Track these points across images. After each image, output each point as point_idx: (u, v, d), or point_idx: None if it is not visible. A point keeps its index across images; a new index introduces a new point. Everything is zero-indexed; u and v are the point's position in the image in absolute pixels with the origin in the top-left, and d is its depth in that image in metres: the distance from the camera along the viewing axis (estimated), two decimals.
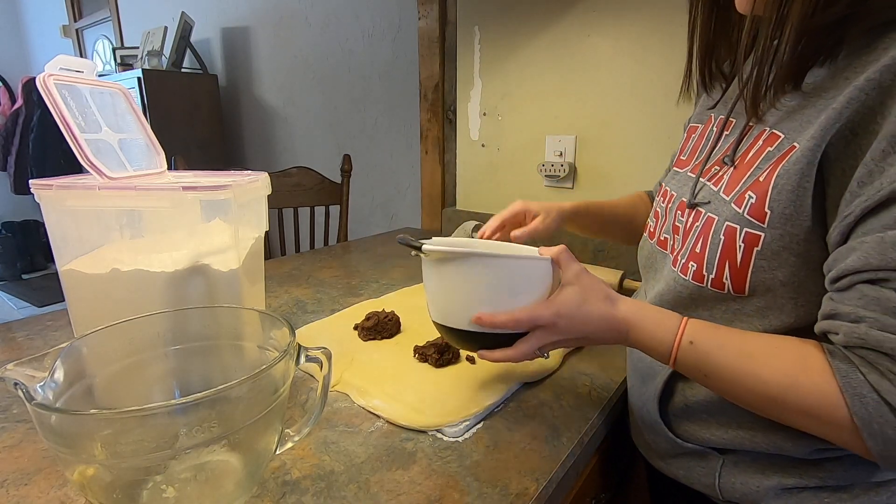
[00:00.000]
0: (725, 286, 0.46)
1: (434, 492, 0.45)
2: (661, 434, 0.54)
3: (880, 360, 0.36)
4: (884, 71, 0.35)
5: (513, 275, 0.50)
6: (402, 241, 0.52)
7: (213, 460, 0.39)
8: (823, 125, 0.38)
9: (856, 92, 0.37)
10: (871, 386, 0.36)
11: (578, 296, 0.48)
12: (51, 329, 0.79)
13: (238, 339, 0.51)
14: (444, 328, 0.53)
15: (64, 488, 0.45)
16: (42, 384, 0.37)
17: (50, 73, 0.55)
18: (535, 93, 1.28)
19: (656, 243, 0.59)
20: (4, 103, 3.40)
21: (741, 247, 0.44)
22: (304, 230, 1.93)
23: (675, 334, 0.45)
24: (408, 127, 1.67)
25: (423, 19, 1.45)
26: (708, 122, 0.57)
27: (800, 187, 0.40)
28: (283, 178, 1.50)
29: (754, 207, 0.43)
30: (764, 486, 0.47)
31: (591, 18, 1.15)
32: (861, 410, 0.36)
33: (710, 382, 0.44)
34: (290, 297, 0.95)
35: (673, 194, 0.57)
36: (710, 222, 0.47)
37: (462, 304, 0.50)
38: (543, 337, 0.49)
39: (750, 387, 0.41)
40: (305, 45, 1.93)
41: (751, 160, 0.46)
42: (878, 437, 0.36)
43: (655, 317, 0.47)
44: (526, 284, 0.50)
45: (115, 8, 2.87)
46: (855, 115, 0.37)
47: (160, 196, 0.54)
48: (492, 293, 0.49)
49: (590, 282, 0.49)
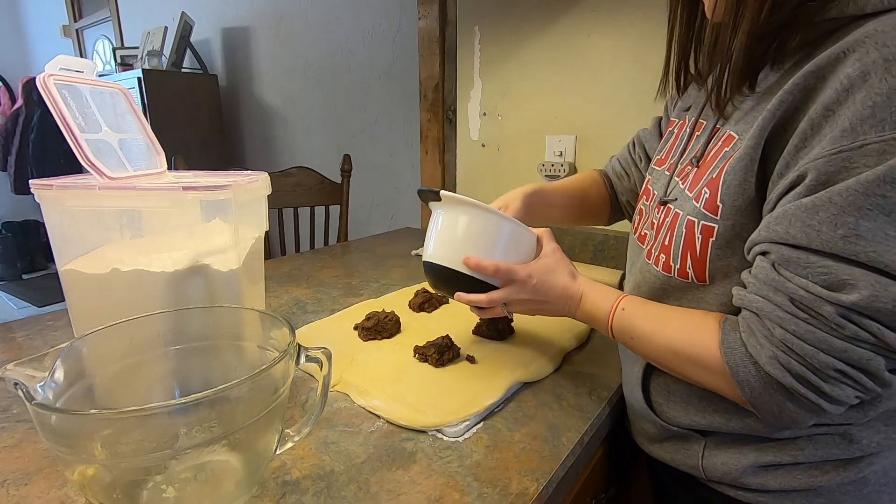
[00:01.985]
0: (689, 275, 0.50)
1: (434, 492, 0.45)
2: (648, 418, 0.57)
3: (752, 319, 0.42)
4: (807, 76, 0.40)
5: (507, 235, 0.59)
6: (422, 190, 0.61)
7: (213, 460, 0.40)
8: (761, 125, 0.43)
9: (784, 94, 0.41)
10: (741, 341, 0.43)
11: (550, 266, 0.58)
12: (51, 329, 0.79)
13: (238, 339, 0.51)
14: (433, 266, 0.60)
15: (64, 488, 0.45)
16: (42, 384, 0.37)
17: (50, 73, 0.55)
18: (535, 93, 1.28)
19: (637, 238, 0.63)
20: (4, 103, 3.40)
21: (699, 238, 0.48)
22: (304, 230, 1.93)
23: (613, 303, 0.54)
24: (408, 127, 1.67)
25: (423, 19, 1.45)
26: (683, 122, 0.61)
27: (745, 181, 0.44)
28: (283, 178, 1.50)
29: (708, 202, 0.47)
30: (742, 465, 0.50)
31: (591, 18, 1.15)
32: (731, 360, 0.43)
33: (635, 344, 0.52)
34: (290, 297, 0.95)
35: (655, 193, 0.60)
36: (676, 217, 0.52)
37: (457, 246, 0.58)
38: (512, 292, 0.57)
39: (658, 343, 0.49)
40: (305, 45, 1.93)
41: (710, 160, 0.50)
42: (745, 386, 0.42)
43: (602, 291, 0.56)
44: (514, 247, 0.59)
45: (115, 8, 2.87)
46: (784, 115, 0.42)
47: (160, 196, 0.54)
48: (485, 244, 0.58)
49: (561, 258, 0.59)
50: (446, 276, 0.59)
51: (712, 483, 0.53)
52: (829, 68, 0.38)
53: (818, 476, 0.48)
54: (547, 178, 1.28)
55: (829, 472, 0.48)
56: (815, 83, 0.39)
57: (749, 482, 0.50)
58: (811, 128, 0.39)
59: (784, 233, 0.39)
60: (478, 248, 0.57)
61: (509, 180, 1.39)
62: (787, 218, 0.39)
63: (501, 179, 1.41)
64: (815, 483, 0.48)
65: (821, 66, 0.39)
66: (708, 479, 0.53)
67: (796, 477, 0.49)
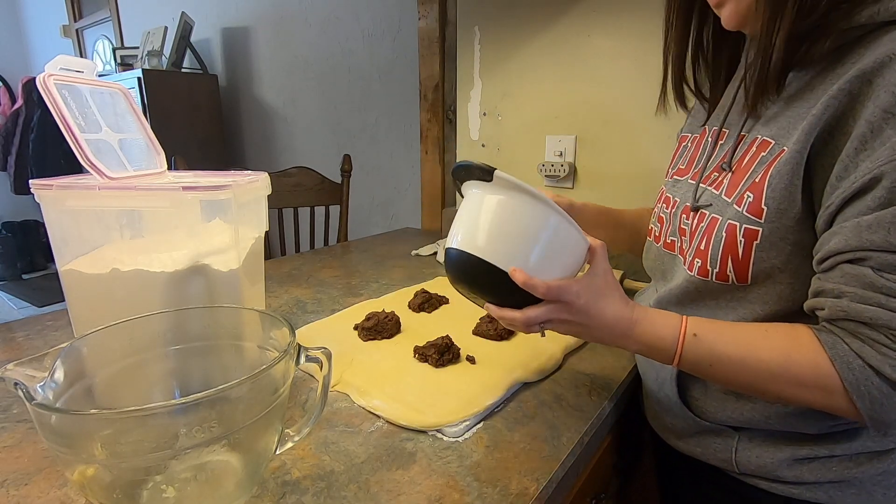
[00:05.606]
0: (729, 278, 0.50)
1: (434, 492, 0.45)
2: (680, 414, 0.57)
3: (861, 329, 0.41)
4: (852, 80, 0.41)
5: (564, 240, 0.49)
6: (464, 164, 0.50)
7: (213, 460, 0.40)
8: (806, 130, 0.44)
9: (830, 100, 0.42)
10: (855, 353, 0.41)
11: (601, 287, 0.49)
12: (51, 329, 0.79)
13: (238, 339, 0.51)
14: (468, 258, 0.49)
15: (64, 488, 0.45)
16: (42, 384, 0.37)
17: (50, 73, 0.55)
18: (535, 93, 1.28)
19: (662, 246, 0.63)
20: (4, 103, 3.40)
21: (742, 241, 0.48)
22: (304, 230, 1.93)
23: (679, 329, 0.49)
24: (408, 127, 1.67)
25: (423, 19, 1.45)
26: (703, 134, 0.62)
27: (791, 185, 0.45)
28: (283, 178, 1.50)
29: (752, 205, 0.48)
30: (777, 458, 0.51)
31: (591, 19, 1.15)
32: (849, 376, 0.41)
33: (714, 371, 0.48)
34: (290, 297, 0.95)
35: (676, 200, 0.61)
36: (713, 222, 0.52)
37: (504, 242, 0.48)
38: (555, 311, 0.48)
39: (752, 368, 0.45)
40: (305, 45, 1.93)
41: (747, 165, 0.50)
42: (866, 399, 0.41)
43: (659, 318, 0.50)
44: (568, 255, 0.50)
45: (115, 8, 2.87)
46: (831, 119, 0.43)
47: (160, 196, 0.54)
48: (539, 245, 0.48)
49: (613, 281, 0.51)
50: (479, 273, 0.49)
51: (744, 476, 0.54)
52: (875, 73, 0.40)
53: (852, 468, 0.49)
54: (547, 178, 1.28)
55: (864, 464, 0.49)
56: (862, 87, 0.41)
57: (784, 475, 0.51)
58: (871, 131, 0.40)
59: (883, 241, 0.39)
60: (529, 248, 0.48)
61: None
62: (885, 226, 0.39)
63: None
64: (849, 475, 0.49)
65: (866, 70, 0.40)
66: (741, 472, 0.54)
67: (831, 469, 0.50)
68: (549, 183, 1.29)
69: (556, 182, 1.28)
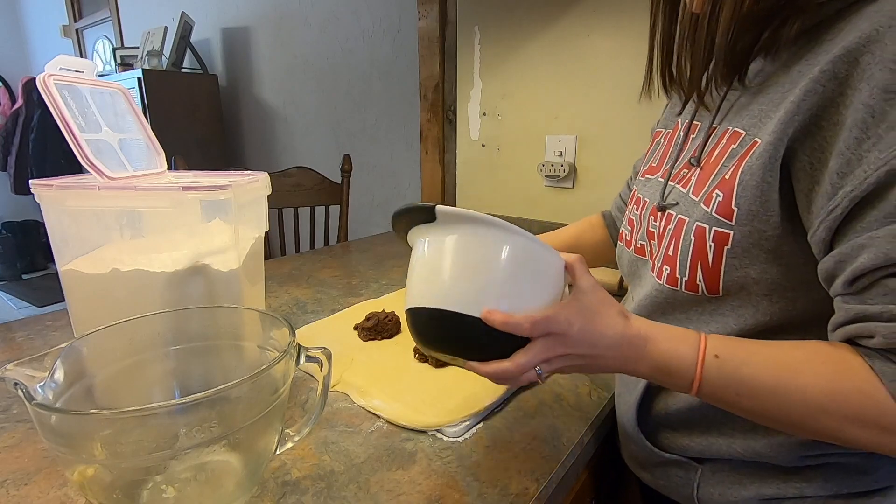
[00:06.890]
0: (699, 287, 0.45)
1: (434, 492, 0.45)
2: (640, 443, 0.53)
3: None
4: (837, 62, 0.36)
5: (535, 263, 0.41)
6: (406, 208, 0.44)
7: (213, 460, 0.39)
8: (783, 119, 0.38)
9: (812, 84, 0.37)
10: None
11: (592, 306, 0.41)
12: (51, 329, 0.79)
13: (238, 339, 0.51)
14: (430, 314, 0.41)
15: (64, 488, 0.45)
16: (42, 384, 0.37)
17: (50, 73, 0.55)
18: (535, 93, 1.28)
19: (633, 251, 0.58)
20: (4, 103, 3.40)
21: (712, 246, 0.43)
22: (304, 230, 1.93)
23: (698, 348, 0.40)
24: (408, 127, 1.67)
25: (423, 19, 1.45)
26: (675, 128, 0.57)
27: (763, 182, 0.40)
28: (283, 178, 1.50)
29: (721, 205, 0.42)
30: (742, 497, 0.46)
31: (591, 18, 1.15)
32: None
33: (743, 401, 0.39)
34: (290, 297, 0.95)
35: (646, 201, 0.56)
36: (680, 224, 0.47)
37: (471, 283, 0.40)
38: (548, 348, 0.40)
39: (793, 398, 0.37)
40: (305, 45, 1.93)
41: (716, 159, 0.45)
42: None
43: (673, 333, 0.42)
44: (544, 279, 0.41)
45: (115, 8, 2.87)
46: (815, 108, 0.37)
47: (160, 196, 0.54)
48: (508, 276, 0.40)
49: (605, 296, 0.42)
50: (450, 328, 0.41)
51: None
52: (862, 50, 0.35)
53: None
54: (547, 178, 1.28)
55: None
56: (849, 68, 0.35)
57: None
58: (871, 115, 0.34)
59: None
60: (502, 284, 0.40)
61: (509, 181, 1.39)
62: None
63: (501, 179, 1.41)
64: None
65: (851, 49, 0.35)
66: None
67: None
68: (549, 183, 1.29)
69: (556, 182, 1.28)
